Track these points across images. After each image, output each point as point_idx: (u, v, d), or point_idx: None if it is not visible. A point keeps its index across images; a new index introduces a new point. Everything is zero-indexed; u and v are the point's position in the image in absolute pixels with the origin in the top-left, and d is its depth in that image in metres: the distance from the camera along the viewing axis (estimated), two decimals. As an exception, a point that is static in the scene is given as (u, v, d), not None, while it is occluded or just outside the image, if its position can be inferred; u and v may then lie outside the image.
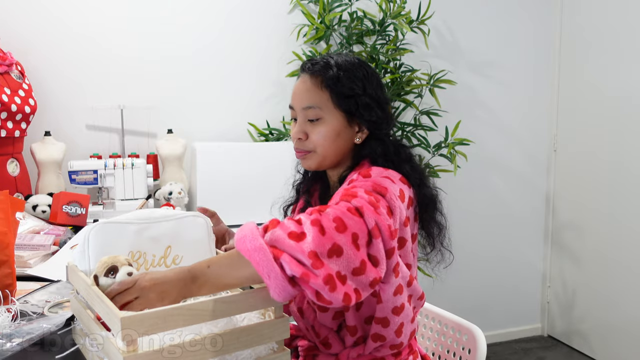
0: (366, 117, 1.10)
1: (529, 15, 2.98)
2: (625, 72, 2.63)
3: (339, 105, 1.10)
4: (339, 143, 1.11)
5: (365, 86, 1.10)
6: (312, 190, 1.25)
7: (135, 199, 2.04)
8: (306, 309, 1.14)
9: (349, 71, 1.10)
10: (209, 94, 2.42)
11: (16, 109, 1.89)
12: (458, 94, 2.81)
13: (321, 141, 1.11)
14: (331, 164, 1.14)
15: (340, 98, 1.09)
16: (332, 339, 1.12)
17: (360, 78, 1.10)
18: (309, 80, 1.12)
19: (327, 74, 1.10)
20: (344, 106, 1.09)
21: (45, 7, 2.16)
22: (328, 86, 1.10)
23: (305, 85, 1.13)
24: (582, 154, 2.91)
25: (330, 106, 1.10)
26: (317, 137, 1.11)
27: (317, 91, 1.11)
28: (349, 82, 1.09)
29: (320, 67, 1.12)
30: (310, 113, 1.11)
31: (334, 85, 1.09)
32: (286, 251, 0.80)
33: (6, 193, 1.18)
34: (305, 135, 1.13)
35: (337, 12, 2.37)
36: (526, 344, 3.09)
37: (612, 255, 2.74)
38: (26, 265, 1.41)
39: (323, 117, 1.11)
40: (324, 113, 1.10)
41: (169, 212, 1.05)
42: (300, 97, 1.13)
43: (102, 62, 2.25)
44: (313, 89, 1.11)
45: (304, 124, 1.13)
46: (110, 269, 0.86)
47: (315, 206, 1.22)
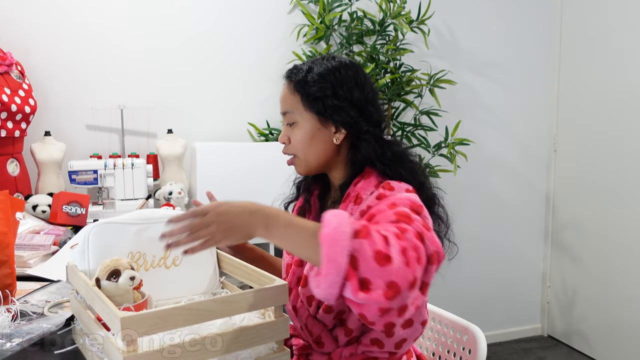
0: (337, 118, 1.11)
1: (529, 15, 2.98)
2: (626, 72, 2.63)
3: (309, 107, 1.12)
4: (317, 145, 1.13)
5: (335, 88, 1.11)
6: (312, 189, 1.25)
7: (135, 199, 2.04)
8: (300, 307, 1.15)
9: (320, 74, 1.12)
10: (209, 94, 2.42)
11: (16, 109, 1.89)
12: (458, 94, 2.81)
13: (299, 145, 1.14)
14: (318, 166, 1.16)
15: (309, 100, 1.12)
16: (325, 338, 1.12)
17: (331, 80, 1.12)
18: (286, 85, 1.17)
19: (297, 78, 1.14)
20: (314, 108, 1.12)
21: (45, 7, 2.16)
22: (297, 90, 1.13)
23: (283, 91, 1.17)
24: (582, 154, 2.91)
25: (301, 109, 1.13)
26: (294, 140, 1.15)
27: (290, 96, 1.15)
28: (316, 84, 1.11)
29: (293, 72, 1.16)
30: (287, 118, 1.16)
31: (302, 89, 1.13)
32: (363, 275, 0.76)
33: (6, 193, 1.18)
34: (288, 140, 1.16)
35: (337, 12, 2.37)
36: (526, 344, 3.09)
37: (612, 255, 2.74)
38: (26, 265, 1.41)
39: (297, 121, 1.14)
40: (297, 116, 1.14)
41: (169, 213, 1.05)
42: (281, 103, 1.18)
43: (102, 62, 2.25)
44: (288, 94, 1.16)
45: (286, 129, 1.17)
46: (112, 272, 0.86)
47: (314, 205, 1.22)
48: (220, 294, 0.93)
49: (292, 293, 1.16)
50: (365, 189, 1.07)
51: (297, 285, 1.15)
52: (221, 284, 1.07)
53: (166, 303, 0.94)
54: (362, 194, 1.07)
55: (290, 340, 1.23)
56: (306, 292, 1.11)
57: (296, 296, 1.15)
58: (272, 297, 0.85)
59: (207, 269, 1.05)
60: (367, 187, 1.08)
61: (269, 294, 0.85)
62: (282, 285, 0.86)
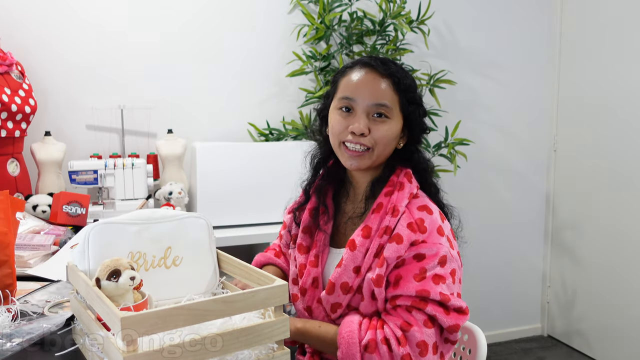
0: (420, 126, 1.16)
1: (529, 15, 2.98)
2: (626, 72, 2.63)
3: (404, 110, 1.13)
4: (392, 146, 1.15)
5: (421, 98, 1.17)
6: (325, 191, 1.23)
7: (135, 199, 2.04)
8: (315, 309, 1.15)
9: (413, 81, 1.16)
10: (209, 94, 2.42)
11: (16, 109, 1.89)
12: (458, 94, 2.81)
13: (382, 140, 1.11)
14: (378, 165, 1.17)
15: (405, 105, 1.13)
16: None
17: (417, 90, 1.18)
18: (379, 78, 1.12)
19: (401, 78, 1.13)
20: (407, 112, 1.13)
21: (45, 7, 2.16)
22: (400, 90, 1.12)
23: (377, 82, 1.12)
24: (582, 154, 2.91)
25: (397, 108, 1.13)
26: (379, 134, 1.11)
27: (390, 91, 1.12)
28: (414, 91, 1.15)
29: (392, 69, 1.13)
30: (381, 109, 1.11)
31: (405, 90, 1.13)
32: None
33: (6, 193, 1.18)
34: (368, 131, 1.11)
35: (337, 12, 2.36)
36: (526, 344, 3.09)
37: (612, 255, 2.74)
38: (26, 265, 1.41)
39: (391, 118, 1.12)
40: (392, 113, 1.12)
41: (169, 213, 1.04)
42: (372, 92, 1.11)
43: (102, 62, 2.25)
44: (387, 88, 1.12)
45: (369, 120, 1.11)
46: (112, 272, 0.86)
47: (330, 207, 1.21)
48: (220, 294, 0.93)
49: (306, 294, 1.16)
50: (400, 201, 1.10)
51: (312, 285, 1.15)
52: (221, 283, 1.07)
53: (166, 303, 0.94)
54: (398, 206, 1.09)
55: None
56: (331, 299, 1.11)
57: (311, 297, 1.15)
58: (272, 297, 0.85)
59: (207, 269, 1.05)
60: (403, 199, 1.10)
61: (269, 294, 0.85)
62: (282, 285, 0.86)
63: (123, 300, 0.86)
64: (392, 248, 1.04)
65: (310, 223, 1.22)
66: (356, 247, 1.09)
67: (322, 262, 1.18)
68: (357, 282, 1.08)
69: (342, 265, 1.09)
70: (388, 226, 1.07)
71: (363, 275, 1.08)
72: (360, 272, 1.08)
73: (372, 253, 1.07)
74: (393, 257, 1.04)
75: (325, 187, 1.22)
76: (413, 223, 1.06)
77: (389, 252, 1.04)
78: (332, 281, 1.10)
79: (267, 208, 2.13)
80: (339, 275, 1.09)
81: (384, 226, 1.08)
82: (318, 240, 1.19)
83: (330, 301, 1.11)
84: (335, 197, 1.24)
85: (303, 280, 1.17)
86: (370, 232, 1.09)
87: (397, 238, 1.05)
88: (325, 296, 1.11)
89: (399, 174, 1.15)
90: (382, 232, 1.08)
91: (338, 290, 1.09)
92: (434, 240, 1.05)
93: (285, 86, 2.51)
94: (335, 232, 1.22)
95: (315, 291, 1.15)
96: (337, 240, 1.21)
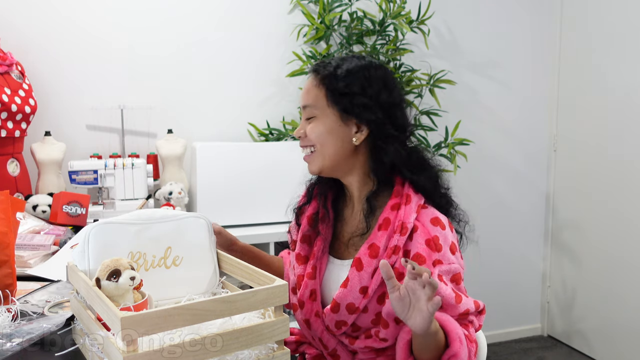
0: (362, 117, 1.08)
1: (529, 15, 2.98)
2: (625, 72, 2.63)
3: (334, 102, 1.09)
4: (334, 141, 1.09)
5: (364, 86, 1.08)
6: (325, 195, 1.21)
7: (135, 199, 2.04)
8: (314, 322, 1.12)
9: (350, 70, 1.09)
10: (209, 93, 2.42)
11: (16, 109, 1.89)
12: (458, 94, 2.81)
13: (316, 138, 1.10)
14: (333, 165, 1.12)
15: (335, 95, 1.09)
16: (341, 351, 1.12)
17: (360, 78, 1.09)
18: (311, 79, 1.13)
19: (325, 72, 1.11)
20: (338, 104, 1.08)
21: (45, 7, 2.16)
22: (324, 83, 1.10)
23: (308, 84, 1.14)
24: (582, 154, 2.91)
25: (324, 104, 1.10)
26: (311, 134, 1.11)
27: (314, 89, 1.12)
28: (346, 79, 1.08)
29: (320, 65, 1.13)
30: (307, 112, 1.13)
31: (329, 83, 1.09)
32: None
33: (6, 193, 1.18)
34: (304, 134, 1.13)
35: (337, 12, 2.37)
36: (526, 344, 3.09)
37: (612, 255, 2.74)
38: (26, 265, 1.41)
39: (317, 116, 1.11)
40: (318, 111, 1.11)
41: (169, 213, 1.05)
42: (302, 96, 1.14)
43: (102, 62, 2.25)
44: (312, 87, 1.12)
45: (304, 122, 1.14)
46: (112, 272, 0.86)
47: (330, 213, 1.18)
48: (220, 294, 0.93)
49: (304, 307, 1.13)
50: (408, 217, 1.05)
51: (309, 298, 1.12)
52: (221, 283, 1.07)
53: (166, 303, 0.94)
54: (406, 223, 1.04)
55: (303, 347, 1.22)
56: (336, 317, 1.08)
57: (309, 310, 1.12)
58: (272, 297, 0.85)
59: (207, 269, 1.05)
60: (410, 213, 1.05)
61: (269, 294, 0.85)
62: (282, 285, 0.86)
63: (123, 300, 0.86)
64: None
65: (309, 231, 1.19)
66: (363, 267, 1.05)
67: (320, 273, 1.15)
68: (364, 302, 1.05)
69: (348, 286, 1.06)
70: (397, 246, 1.04)
71: (370, 295, 1.05)
72: (367, 292, 1.05)
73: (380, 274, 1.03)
74: None
75: (325, 192, 1.21)
76: (430, 240, 1.03)
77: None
78: (337, 301, 1.07)
79: (267, 208, 2.13)
80: (344, 296, 1.06)
81: (393, 245, 1.04)
82: (317, 250, 1.16)
83: (334, 319, 1.08)
84: (335, 202, 1.21)
85: (301, 293, 1.14)
86: (377, 251, 1.05)
87: (419, 258, 1.02)
88: (330, 314, 1.09)
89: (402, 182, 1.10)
90: (390, 252, 1.04)
91: (343, 310, 1.06)
92: (449, 261, 1.04)
93: (285, 86, 2.51)
94: (335, 240, 1.19)
95: (313, 304, 1.12)
96: (336, 248, 1.18)
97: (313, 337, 1.15)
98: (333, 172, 1.14)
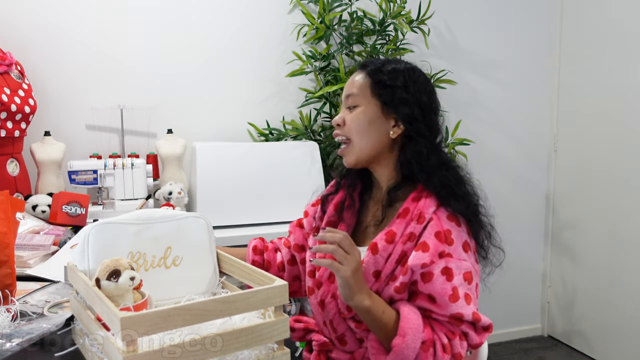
0: (402, 111, 1.11)
1: (529, 15, 2.98)
2: (626, 72, 2.63)
3: (377, 93, 1.12)
4: (373, 133, 1.12)
5: (408, 84, 1.12)
6: (353, 185, 1.24)
7: (135, 199, 2.04)
8: (328, 303, 1.14)
9: (395, 69, 1.14)
10: (209, 93, 2.42)
11: (16, 109, 1.89)
12: (458, 94, 2.81)
13: (355, 127, 1.13)
14: (369, 157, 1.15)
15: (378, 86, 1.12)
16: (349, 337, 1.12)
17: (405, 76, 1.13)
18: (358, 72, 1.17)
19: (372, 67, 1.15)
20: (381, 95, 1.12)
21: (45, 7, 2.16)
22: (370, 75, 1.14)
23: (353, 76, 1.17)
24: (582, 154, 2.91)
25: (367, 94, 1.13)
26: (350, 122, 1.14)
27: (360, 80, 1.15)
28: (391, 74, 1.13)
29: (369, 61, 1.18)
30: (349, 100, 1.15)
31: (374, 75, 1.13)
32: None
33: (6, 193, 1.18)
34: (343, 122, 1.15)
35: (337, 12, 2.36)
36: (526, 344, 3.09)
37: (612, 255, 2.74)
38: (26, 265, 1.41)
39: (360, 104, 1.13)
40: (361, 100, 1.13)
41: (169, 213, 1.04)
42: (347, 85, 1.17)
43: (102, 62, 2.25)
44: (358, 78, 1.16)
45: (344, 112, 1.16)
46: (112, 272, 0.85)
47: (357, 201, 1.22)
48: (220, 294, 0.93)
49: (321, 287, 1.15)
50: (428, 207, 1.07)
51: (328, 280, 1.15)
52: (221, 283, 1.07)
53: (166, 303, 0.94)
54: (425, 212, 1.06)
55: (310, 335, 1.22)
56: None
57: (326, 291, 1.14)
58: (272, 297, 0.85)
59: (207, 269, 1.05)
60: (430, 205, 1.07)
61: (269, 294, 0.85)
62: (282, 285, 0.86)
63: (123, 300, 0.86)
64: (418, 256, 1.02)
65: (334, 217, 1.22)
66: (378, 251, 1.07)
67: None
68: (376, 286, 1.06)
69: (362, 268, 1.07)
70: (413, 233, 1.05)
71: (383, 280, 1.06)
72: (381, 277, 1.06)
73: (395, 259, 1.05)
74: (418, 265, 1.02)
75: (355, 182, 1.24)
76: (441, 233, 1.04)
77: (413, 261, 1.02)
78: None
79: (267, 208, 2.12)
80: None
81: (409, 232, 1.06)
82: None
83: None
84: (362, 194, 1.24)
85: (319, 274, 1.17)
86: (394, 237, 1.07)
87: (423, 246, 1.03)
88: None
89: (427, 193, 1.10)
90: (406, 239, 1.06)
91: None
92: (460, 256, 1.04)
93: (285, 86, 2.51)
94: (358, 229, 1.22)
95: (330, 286, 1.14)
96: (357, 237, 1.20)
97: (325, 321, 1.15)
98: (368, 164, 1.17)
